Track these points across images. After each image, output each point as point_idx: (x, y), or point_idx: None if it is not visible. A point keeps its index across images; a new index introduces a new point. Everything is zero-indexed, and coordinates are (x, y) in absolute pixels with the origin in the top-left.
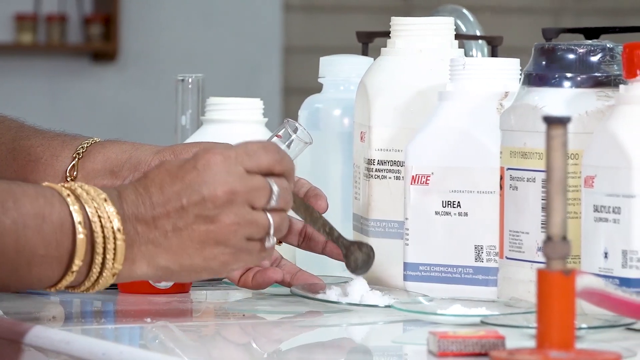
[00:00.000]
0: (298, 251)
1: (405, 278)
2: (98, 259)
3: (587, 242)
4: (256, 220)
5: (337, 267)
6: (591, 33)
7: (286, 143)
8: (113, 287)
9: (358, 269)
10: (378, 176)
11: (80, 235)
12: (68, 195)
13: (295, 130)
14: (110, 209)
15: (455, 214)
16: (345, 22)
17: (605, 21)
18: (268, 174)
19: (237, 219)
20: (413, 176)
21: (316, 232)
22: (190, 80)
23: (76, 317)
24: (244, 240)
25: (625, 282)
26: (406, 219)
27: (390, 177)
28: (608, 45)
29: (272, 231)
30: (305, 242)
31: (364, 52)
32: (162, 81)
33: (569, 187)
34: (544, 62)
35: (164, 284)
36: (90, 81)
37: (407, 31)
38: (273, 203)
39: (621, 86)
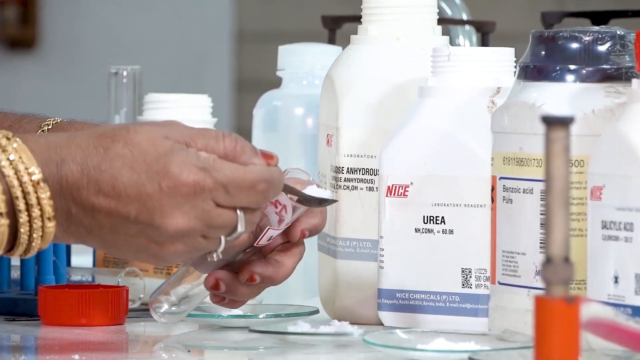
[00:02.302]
0: None
1: (380, 307)
2: (23, 217)
3: (594, 264)
4: (206, 247)
5: (298, 294)
6: (599, 17)
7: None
8: (34, 317)
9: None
10: (347, 187)
11: None
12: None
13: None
14: (36, 172)
15: (438, 232)
16: (308, 4)
17: (615, 3)
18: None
19: (185, 248)
20: (389, 187)
21: None
22: (124, 73)
23: None
24: (187, 256)
25: (638, 312)
26: (381, 237)
27: (361, 188)
28: (618, 32)
29: (221, 248)
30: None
31: (331, 40)
32: (91, 74)
33: (572, 200)
34: (543, 52)
35: None
36: (5, 73)
37: (382, 15)
38: (230, 239)
39: (634, 80)
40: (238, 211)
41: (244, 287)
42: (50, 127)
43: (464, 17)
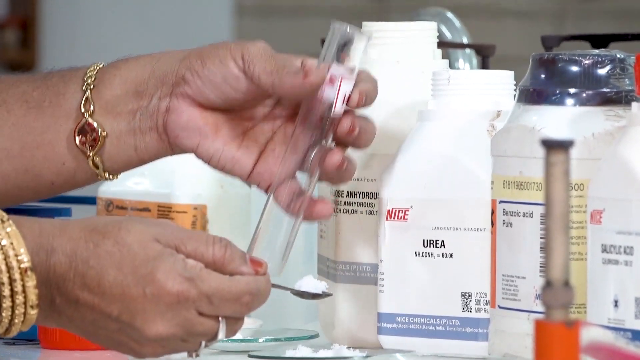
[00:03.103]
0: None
1: (380, 331)
2: (6, 302)
3: (594, 288)
4: (184, 348)
5: (298, 318)
6: (599, 41)
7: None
8: (33, 341)
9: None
10: (347, 210)
11: None
12: None
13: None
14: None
15: (438, 255)
16: (307, 27)
17: (615, 27)
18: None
19: (164, 350)
20: (389, 210)
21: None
22: None
23: None
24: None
25: (638, 336)
26: (381, 261)
27: (361, 212)
28: (618, 56)
29: (200, 350)
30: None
31: None
32: None
33: (572, 224)
34: (543, 76)
35: None
36: None
37: (382, 38)
38: (209, 344)
39: (634, 104)
40: (220, 319)
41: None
42: (93, 78)
43: (464, 40)
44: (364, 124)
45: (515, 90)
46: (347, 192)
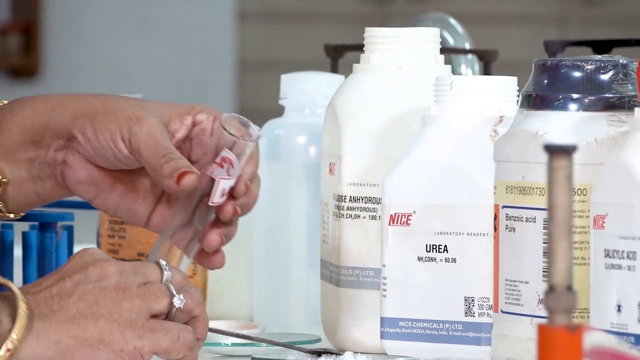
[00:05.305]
0: (256, 300)
1: (383, 336)
2: None
3: (596, 292)
4: (151, 296)
5: (300, 322)
6: (601, 46)
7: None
8: None
9: None
10: (350, 215)
11: None
12: None
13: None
14: None
15: (441, 260)
16: (310, 33)
17: (617, 32)
18: None
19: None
20: (391, 215)
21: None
22: None
23: None
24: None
25: None
26: (383, 266)
27: (364, 217)
28: (621, 61)
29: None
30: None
31: (333, 69)
32: None
33: (575, 229)
34: (545, 81)
35: None
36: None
37: (384, 44)
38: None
39: (636, 109)
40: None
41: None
42: None
43: (467, 46)
44: (246, 201)
45: (518, 95)
46: (350, 197)
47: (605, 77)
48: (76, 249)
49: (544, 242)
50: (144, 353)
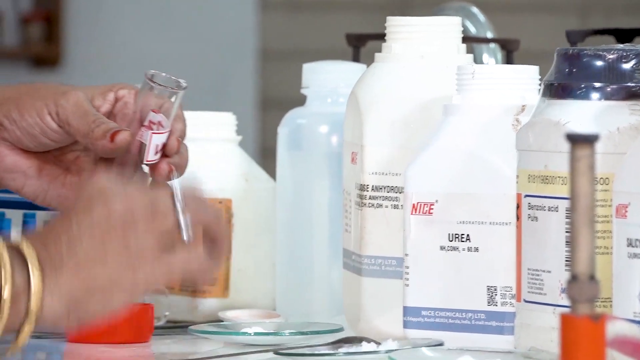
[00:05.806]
0: (279, 289)
1: (406, 325)
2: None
3: (619, 282)
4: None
5: (323, 311)
6: (624, 35)
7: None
8: (59, 334)
9: None
10: (372, 205)
11: None
12: None
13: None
14: None
15: (463, 249)
16: (332, 22)
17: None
18: None
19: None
20: (414, 204)
21: None
22: None
23: None
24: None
25: None
26: (406, 255)
27: (386, 206)
28: None
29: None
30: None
31: (355, 58)
32: None
33: (597, 218)
34: (567, 70)
35: None
36: None
37: (406, 33)
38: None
39: None
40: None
41: None
42: None
43: (489, 35)
44: (179, 161)
45: (540, 84)
46: (372, 186)
47: (627, 66)
48: None
49: (566, 232)
50: (156, 285)
